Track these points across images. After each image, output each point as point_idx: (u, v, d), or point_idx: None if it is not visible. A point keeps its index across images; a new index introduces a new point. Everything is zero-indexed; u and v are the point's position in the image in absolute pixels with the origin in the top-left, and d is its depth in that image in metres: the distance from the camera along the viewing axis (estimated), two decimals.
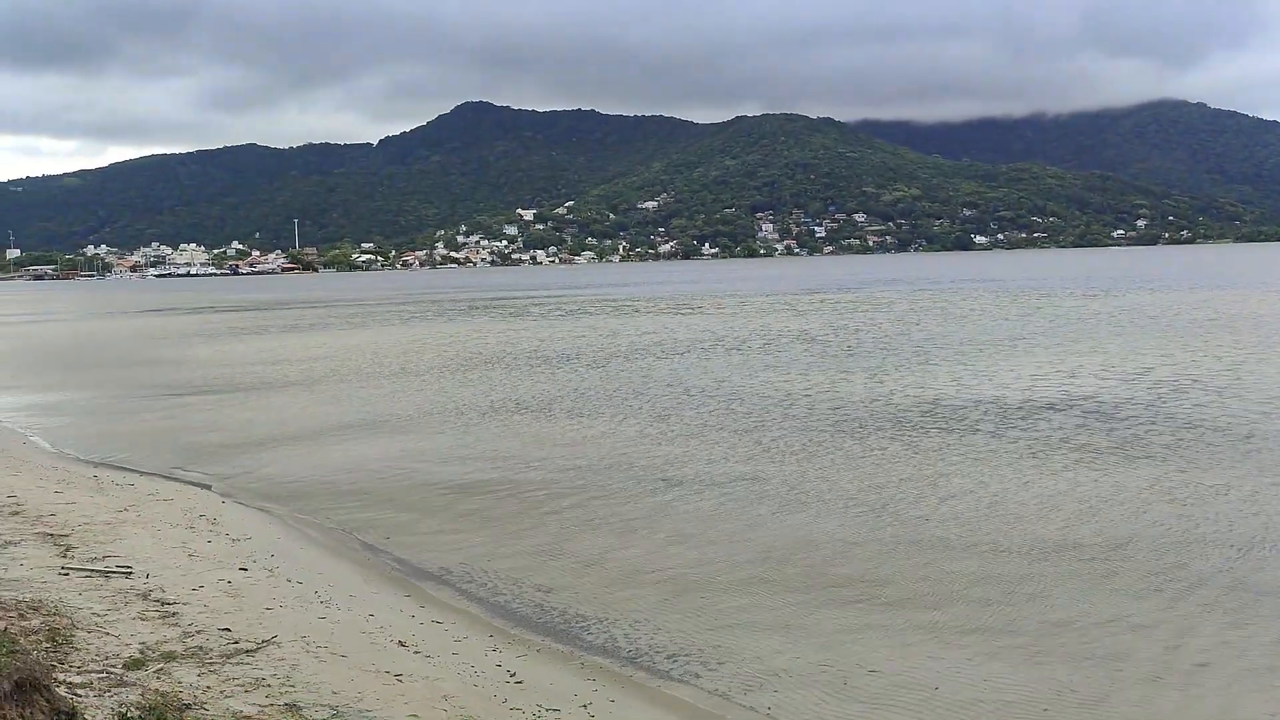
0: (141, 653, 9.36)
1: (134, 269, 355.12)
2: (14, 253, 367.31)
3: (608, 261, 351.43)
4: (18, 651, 6.78)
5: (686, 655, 10.97)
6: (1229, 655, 10.51)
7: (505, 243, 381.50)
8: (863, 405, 26.71)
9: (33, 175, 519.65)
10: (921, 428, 23.26)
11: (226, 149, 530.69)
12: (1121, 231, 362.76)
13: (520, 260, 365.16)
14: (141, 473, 20.81)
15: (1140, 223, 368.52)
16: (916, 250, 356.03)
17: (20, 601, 10.42)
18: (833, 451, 20.97)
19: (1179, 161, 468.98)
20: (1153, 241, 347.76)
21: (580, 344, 48.36)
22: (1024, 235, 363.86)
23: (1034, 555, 13.81)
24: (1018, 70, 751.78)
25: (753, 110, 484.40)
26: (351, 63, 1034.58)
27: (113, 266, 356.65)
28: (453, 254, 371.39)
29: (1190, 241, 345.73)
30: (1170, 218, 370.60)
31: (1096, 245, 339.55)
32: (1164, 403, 25.44)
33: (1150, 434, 21.61)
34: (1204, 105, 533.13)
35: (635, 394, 30.37)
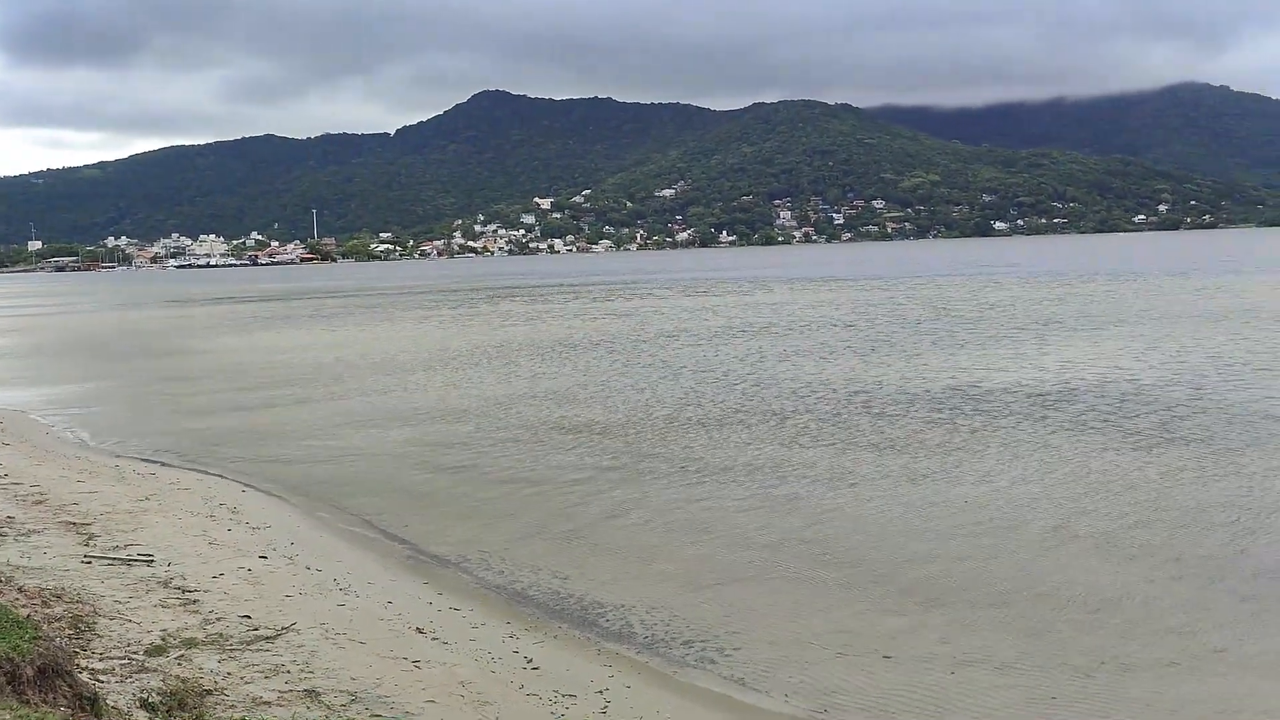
0: (163, 640, 9.48)
1: (154, 260, 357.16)
2: (36, 244, 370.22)
3: (625, 250, 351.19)
4: (40, 638, 6.87)
5: (703, 641, 11.00)
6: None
7: (522, 232, 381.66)
8: (891, 391, 26.64)
9: (53, 168, 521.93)
10: (946, 413, 23.19)
11: (244, 140, 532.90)
12: (1143, 216, 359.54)
13: (537, 249, 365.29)
14: (163, 463, 21.00)
15: (1162, 208, 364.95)
16: (935, 237, 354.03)
17: (44, 589, 10.57)
18: (857, 439, 20.93)
19: (1201, 146, 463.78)
20: (1175, 226, 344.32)
21: (605, 331, 48.39)
22: (1044, 221, 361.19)
23: (1046, 538, 13.78)
24: (1050, 55, 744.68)
25: (771, 98, 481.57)
26: (376, 54, 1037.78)
27: (133, 258, 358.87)
28: (470, 243, 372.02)
29: (1213, 226, 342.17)
30: (1193, 202, 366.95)
31: (1117, 230, 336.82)
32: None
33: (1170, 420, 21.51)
34: (1227, 88, 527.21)
35: (660, 381, 30.38)
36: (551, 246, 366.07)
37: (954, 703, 9.40)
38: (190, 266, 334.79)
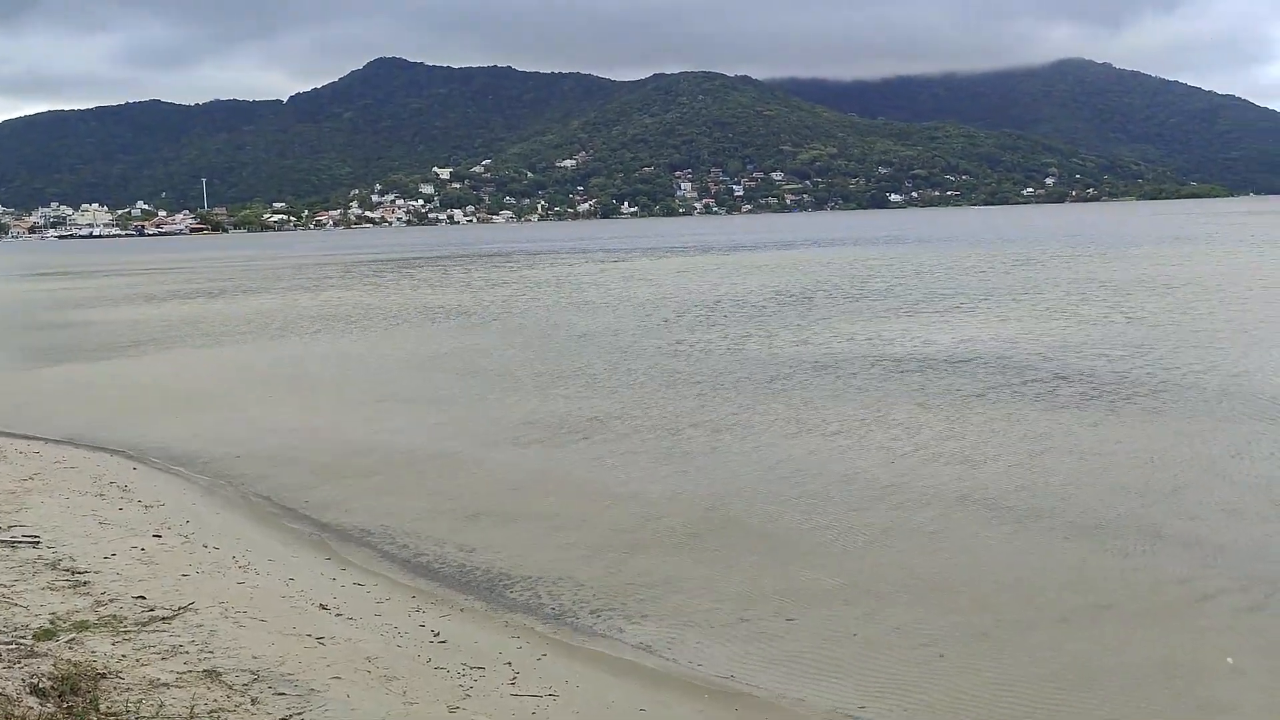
0: (52, 623, 9.14)
1: (32, 230, 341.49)
2: None
3: (526, 221, 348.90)
4: None
5: (610, 610, 11.08)
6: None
7: (421, 202, 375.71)
8: (787, 360, 27.06)
9: None
10: (834, 382, 23.68)
11: (127, 105, 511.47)
12: (1031, 190, 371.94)
13: (437, 219, 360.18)
14: (46, 440, 20.15)
15: (1049, 180, 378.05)
16: (833, 209, 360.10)
17: None
18: (772, 407, 21.21)
19: (1085, 121, 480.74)
20: (1060, 199, 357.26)
21: (529, 300, 47.98)
22: (937, 193, 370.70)
23: (946, 504, 14.23)
24: (948, 31, 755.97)
25: (672, 69, 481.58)
26: (281, 19, 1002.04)
27: (9, 227, 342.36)
28: (368, 214, 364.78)
29: (1096, 199, 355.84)
30: (1077, 176, 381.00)
31: (1007, 203, 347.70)
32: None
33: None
34: (1109, 65, 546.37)
35: (565, 351, 30.29)
36: (451, 217, 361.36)
37: (854, 663, 9.67)
38: (72, 237, 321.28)
